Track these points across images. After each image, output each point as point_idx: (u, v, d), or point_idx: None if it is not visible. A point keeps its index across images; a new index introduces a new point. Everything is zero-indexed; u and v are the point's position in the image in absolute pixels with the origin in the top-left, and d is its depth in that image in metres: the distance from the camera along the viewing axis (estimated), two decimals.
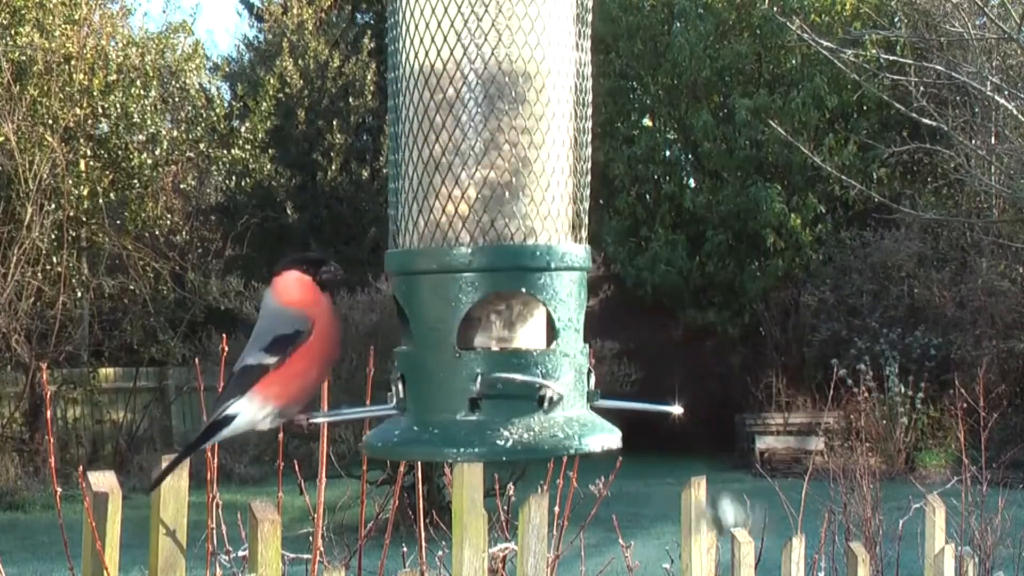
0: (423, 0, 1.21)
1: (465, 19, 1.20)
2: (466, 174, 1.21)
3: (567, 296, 1.22)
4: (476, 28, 1.20)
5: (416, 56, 1.23)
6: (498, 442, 1.17)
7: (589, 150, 1.29)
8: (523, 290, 1.20)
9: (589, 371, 1.26)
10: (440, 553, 2.55)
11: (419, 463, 5.05)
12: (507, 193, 1.22)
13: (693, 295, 15.12)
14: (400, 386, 1.23)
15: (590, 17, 1.29)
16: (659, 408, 1.35)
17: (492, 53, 1.20)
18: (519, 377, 1.19)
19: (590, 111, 1.29)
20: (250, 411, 1.27)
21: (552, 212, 1.23)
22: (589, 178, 1.29)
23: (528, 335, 1.24)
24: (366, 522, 2.26)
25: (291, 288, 1.31)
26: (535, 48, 1.22)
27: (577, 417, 1.22)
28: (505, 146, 1.22)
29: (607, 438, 1.22)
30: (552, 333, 1.22)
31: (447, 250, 1.20)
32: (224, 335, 2.15)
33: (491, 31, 1.20)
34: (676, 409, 1.35)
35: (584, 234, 1.27)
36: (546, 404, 1.19)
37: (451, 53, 1.21)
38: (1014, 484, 8.17)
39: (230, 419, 1.27)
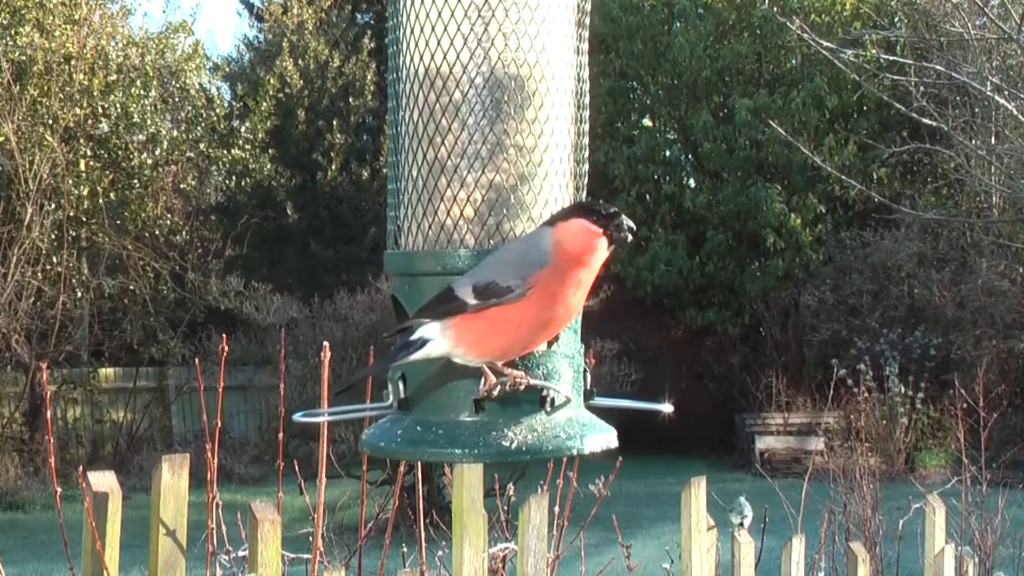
0: (428, 4, 1.22)
1: (472, 23, 1.21)
2: (472, 177, 1.22)
3: None
4: (483, 32, 1.21)
5: (421, 59, 1.23)
6: (503, 443, 1.18)
7: (587, 152, 1.30)
8: None
9: (585, 371, 1.27)
10: (440, 553, 2.55)
11: (419, 463, 5.05)
12: (512, 196, 1.22)
13: (693, 295, 15.12)
14: (401, 385, 1.23)
15: (588, 20, 1.30)
16: (651, 406, 1.37)
17: (499, 57, 1.21)
18: (527, 381, 1.19)
19: (587, 114, 1.30)
20: (442, 343, 1.18)
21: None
22: (587, 180, 1.30)
23: None
24: (366, 522, 2.26)
25: (576, 238, 1.15)
26: (539, 52, 1.23)
27: (577, 417, 1.23)
28: (511, 149, 1.22)
29: (606, 437, 1.23)
30: None
31: (452, 252, 1.21)
32: (224, 335, 2.15)
33: (497, 35, 1.21)
34: (667, 408, 1.36)
35: None
36: (548, 405, 1.20)
37: (457, 57, 1.21)
38: (1014, 484, 8.18)
39: (424, 342, 1.18)
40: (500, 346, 1.17)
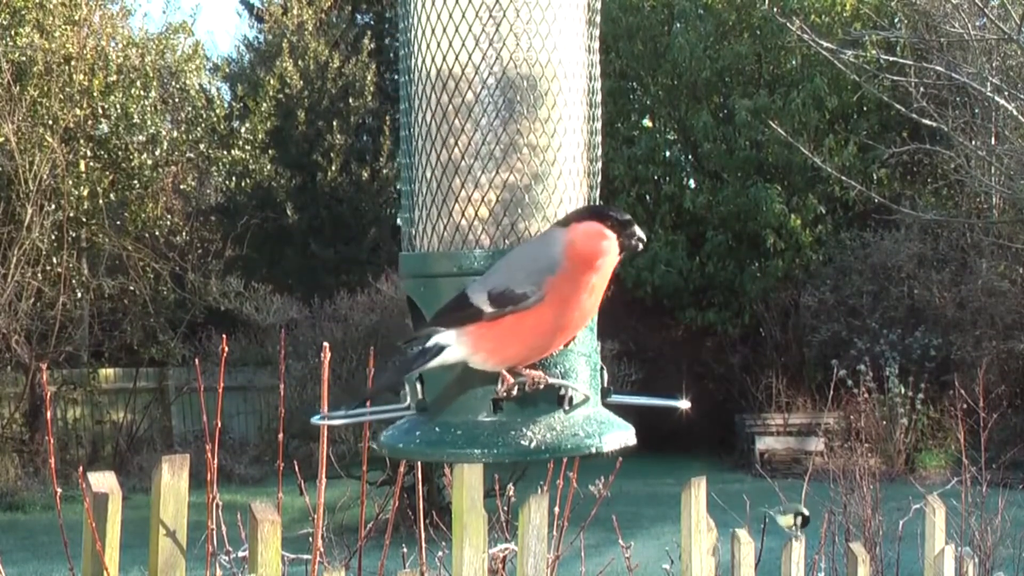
0: (439, 5, 1.22)
1: (483, 24, 1.21)
2: (486, 177, 1.22)
3: None
4: (494, 32, 1.21)
5: (432, 60, 1.23)
6: (522, 442, 1.18)
7: (600, 151, 1.30)
8: None
9: (602, 368, 1.27)
10: (440, 553, 2.54)
11: (419, 463, 5.05)
12: (527, 196, 1.22)
13: (693, 295, 15.12)
14: (419, 386, 1.23)
15: (599, 19, 1.30)
16: (668, 403, 1.38)
17: (511, 57, 1.22)
18: (546, 380, 1.19)
19: (600, 112, 1.30)
20: (459, 350, 1.17)
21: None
22: (600, 178, 1.30)
23: None
24: (366, 522, 2.26)
25: (589, 240, 1.15)
26: (551, 52, 1.23)
27: (594, 415, 1.24)
28: (524, 149, 1.22)
29: (624, 435, 1.24)
30: None
31: (467, 253, 1.21)
32: (224, 336, 2.15)
33: (509, 35, 1.21)
34: (683, 404, 1.37)
35: None
36: (566, 404, 1.20)
37: (469, 57, 1.21)
38: (1014, 484, 8.18)
39: (441, 349, 1.17)
40: (518, 353, 1.17)
